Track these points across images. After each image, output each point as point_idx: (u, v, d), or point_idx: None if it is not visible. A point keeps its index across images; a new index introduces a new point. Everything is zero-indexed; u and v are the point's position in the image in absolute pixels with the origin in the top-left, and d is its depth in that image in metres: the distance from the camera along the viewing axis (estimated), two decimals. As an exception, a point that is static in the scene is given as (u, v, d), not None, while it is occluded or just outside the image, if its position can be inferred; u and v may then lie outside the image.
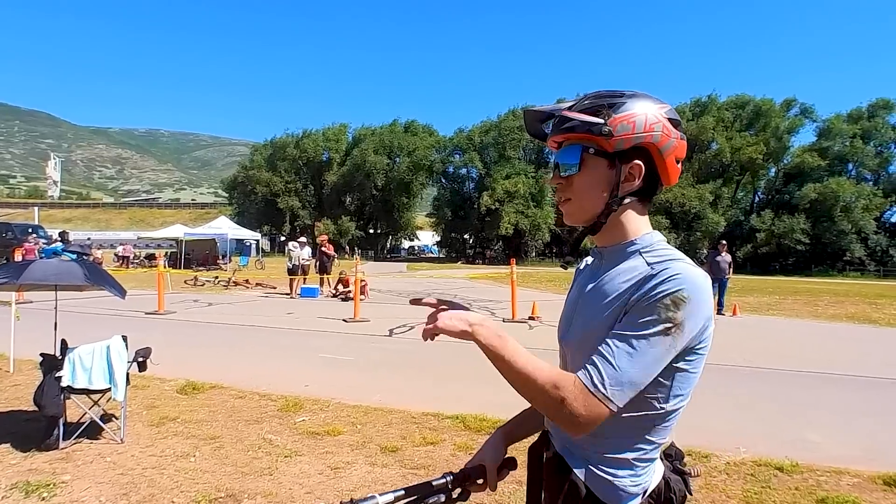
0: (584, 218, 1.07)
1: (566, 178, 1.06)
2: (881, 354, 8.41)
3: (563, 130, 1.05)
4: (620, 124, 1.00)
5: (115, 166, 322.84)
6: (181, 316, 11.05)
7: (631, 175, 1.03)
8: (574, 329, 1.08)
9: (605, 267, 1.07)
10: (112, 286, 4.47)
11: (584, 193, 1.05)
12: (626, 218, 1.06)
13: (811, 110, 52.09)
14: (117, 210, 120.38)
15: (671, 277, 0.93)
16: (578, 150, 1.03)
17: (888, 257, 46.44)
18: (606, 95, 1.05)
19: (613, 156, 1.02)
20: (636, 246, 1.04)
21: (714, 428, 4.39)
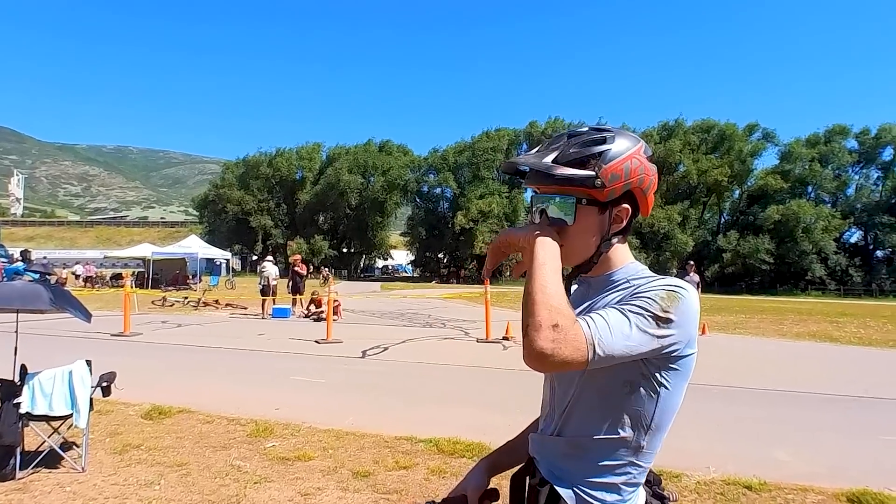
0: (577, 260, 1.09)
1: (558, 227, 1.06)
2: (843, 372, 8.66)
3: (556, 183, 1.04)
4: (611, 174, 1.03)
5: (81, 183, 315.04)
6: (148, 338, 10.76)
7: (618, 217, 1.08)
8: None
9: (592, 296, 1.11)
10: (77, 309, 4.35)
11: (576, 240, 1.07)
12: (613, 252, 1.10)
13: (773, 135, 54.11)
14: (83, 228, 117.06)
15: (668, 283, 0.99)
16: (573, 202, 1.05)
17: (847, 276, 48.05)
18: (591, 142, 1.06)
19: (605, 204, 1.06)
20: (622, 274, 1.09)
21: (684, 448, 4.45)
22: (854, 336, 13.17)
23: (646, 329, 0.93)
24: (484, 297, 11.88)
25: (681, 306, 0.96)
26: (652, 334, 0.94)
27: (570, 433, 1.06)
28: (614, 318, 0.93)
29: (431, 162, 59.75)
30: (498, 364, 8.50)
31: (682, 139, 53.32)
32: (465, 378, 7.66)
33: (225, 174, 70.10)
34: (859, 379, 7.93)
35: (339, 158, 63.61)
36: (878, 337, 13.06)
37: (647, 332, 0.93)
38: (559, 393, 1.10)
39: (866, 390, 7.01)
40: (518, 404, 5.75)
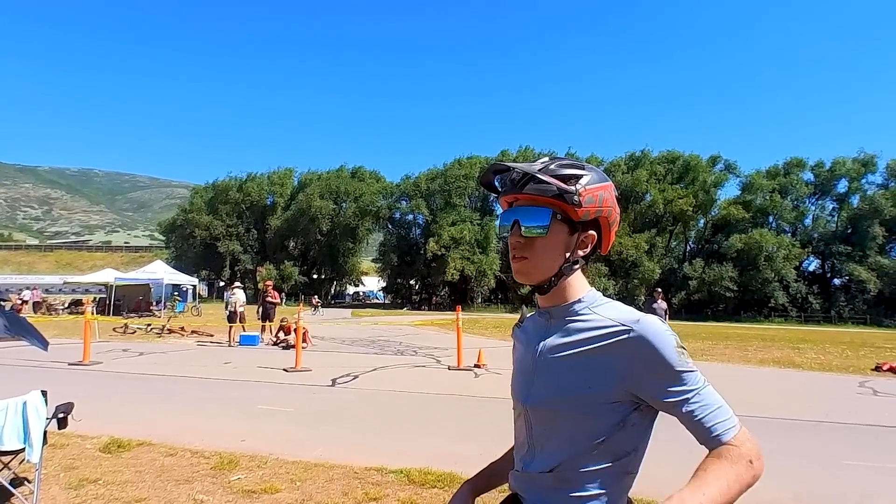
0: (537, 278, 1.11)
1: (528, 238, 1.09)
2: (805, 398, 8.87)
3: (534, 192, 1.07)
4: (588, 196, 1.07)
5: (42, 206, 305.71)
6: (108, 367, 10.38)
7: (584, 242, 1.11)
8: (538, 391, 1.10)
9: (555, 326, 1.12)
10: (33, 337, 4.18)
11: (543, 255, 1.09)
12: (573, 279, 1.12)
13: (734, 166, 56.05)
14: (42, 253, 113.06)
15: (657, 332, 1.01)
16: (549, 214, 1.07)
17: (808, 304, 49.57)
18: (571, 165, 1.11)
19: (577, 224, 1.09)
20: (583, 303, 1.11)
21: (653, 474, 4.46)
22: (815, 362, 13.54)
23: (703, 378, 1.04)
24: (456, 324, 11.85)
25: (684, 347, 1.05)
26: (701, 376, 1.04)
27: (559, 469, 1.06)
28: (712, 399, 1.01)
29: (404, 188, 59.95)
30: (470, 392, 8.45)
31: (649, 169, 54.81)
32: (436, 406, 7.58)
33: (193, 198, 68.89)
34: (820, 404, 8.14)
35: (311, 184, 63.31)
36: (838, 363, 13.45)
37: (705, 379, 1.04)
38: (538, 431, 1.10)
39: (827, 415, 7.19)
40: (490, 433, 5.71)
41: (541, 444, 1.09)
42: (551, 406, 1.06)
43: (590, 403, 1.02)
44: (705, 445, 0.98)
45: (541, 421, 1.09)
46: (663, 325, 1.02)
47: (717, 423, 0.97)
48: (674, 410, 1.00)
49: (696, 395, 0.99)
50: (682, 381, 0.99)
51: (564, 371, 1.05)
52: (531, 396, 1.11)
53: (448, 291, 56.04)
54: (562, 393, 1.05)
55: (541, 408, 1.09)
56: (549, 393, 1.07)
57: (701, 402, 0.98)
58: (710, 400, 0.99)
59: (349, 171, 67.84)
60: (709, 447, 0.98)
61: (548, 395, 1.07)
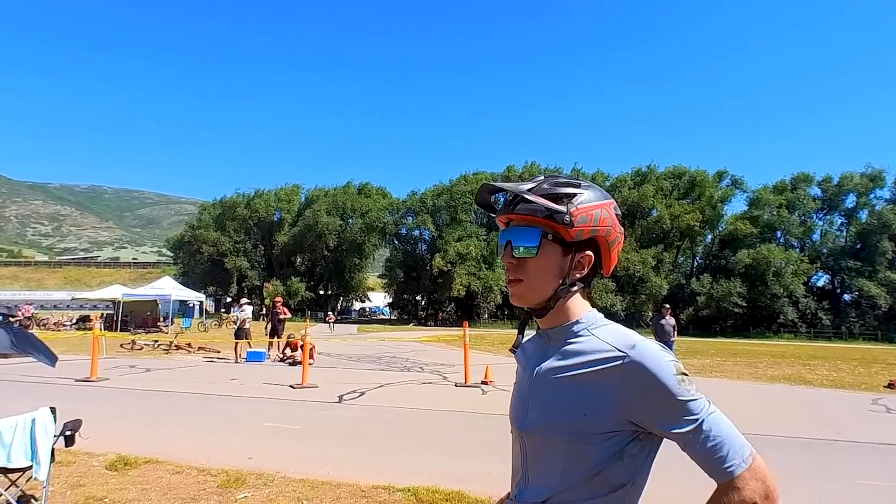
0: (533, 301, 1.08)
1: (519, 259, 1.06)
2: (816, 415, 8.75)
3: (524, 212, 1.05)
4: (581, 216, 1.04)
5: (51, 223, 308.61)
6: (115, 383, 10.39)
7: (580, 264, 1.08)
8: (532, 416, 1.06)
9: (553, 348, 1.08)
10: (41, 353, 4.21)
11: (537, 277, 1.06)
12: (571, 301, 1.08)
13: (741, 181, 56.04)
14: (51, 269, 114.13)
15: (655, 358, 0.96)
16: (538, 235, 1.05)
17: (817, 319, 49.12)
18: (565, 184, 1.08)
19: (570, 244, 1.06)
20: (581, 325, 1.07)
21: (662, 494, 4.41)
22: (826, 379, 13.37)
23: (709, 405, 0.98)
24: (463, 341, 11.81)
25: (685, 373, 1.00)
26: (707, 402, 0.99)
27: (551, 500, 1.02)
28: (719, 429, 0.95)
29: (410, 204, 60.24)
30: (477, 409, 8.39)
31: (655, 185, 54.87)
32: (443, 424, 7.53)
33: (201, 215, 69.61)
34: (833, 422, 8.02)
35: (318, 200, 63.75)
36: (850, 380, 13.28)
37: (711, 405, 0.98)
38: (532, 457, 1.06)
39: (840, 433, 7.08)
40: (498, 451, 5.66)
41: (534, 471, 1.06)
42: (544, 432, 1.02)
43: (584, 431, 0.98)
44: (716, 481, 0.95)
45: (534, 447, 1.05)
46: (661, 352, 0.97)
47: (723, 457, 0.92)
48: (678, 443, 0.96)
49: (699, 427, 0.93)
50: (685, 412, 0.94)
51: (558, 396, 1.02)
52: (526, 423, 1.07)
53: (454, 307, 55.97)
54: (555, 418, 1.01)
55: (534, 433, 1.05)
56: (543, 418, 1.03)
57: (704, 435, 0.93)
58: (716, 431, 0.93)
59: (356, 187, 68.34)
60: (719, 482, 0.94)
61: (541, 420, 1.03)
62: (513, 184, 1.09)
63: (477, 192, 1.15)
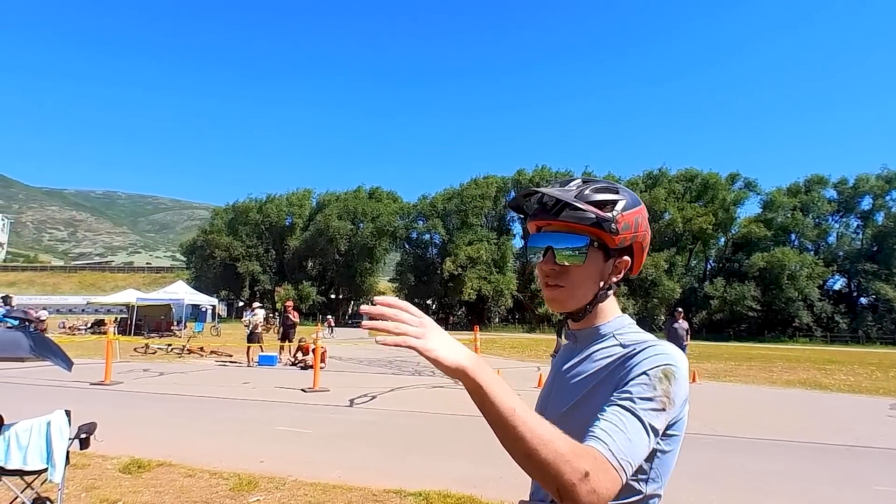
0: (573, 306, 1.07)
1: (562, 266, 1.05)
2: (833, 420, 8.62)
3: (571, 219, 1.03)
4: (625, 223, 1.05)
5: (67, 228, 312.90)
6: (129, 386, 10.49)
7: (618, 268, 1.09)
8: (550, 415, 1.04)
9: (579, 349, 1.10)
10: (58, 357, 4.25)
11: (580, 284, 1.06)
12: (604, 304, 1.10)
13: (754, 184, 55.48)
14: (66, 273, 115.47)
15: (658, 353, 0.96)
16: (586, 242, 1.04)
17: (833, 323, 48.42)
18: (606, 189, 1.07)
19: (613, 251, 1.07)
20: (609, 328, 1.08)
21: (677, 500, 4.36)
22: (843, 384, 13.18)
23: (655, 423, 0.90)
24: (474, 344, 11.79)
25: (678, 382, 0.94)
26: (662, 424, 0.92)
27: None
28: (631, 427, 0.87)
29: (420, 208, 60.33)
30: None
31: (667, 188, 54.49)
32: (455, 428, 7.51)
33: (214, 220, 70.13)
34: (850, 427, 7.90)
35: (329, 205, 64.03)
36: (868, 384, 13.08)
37: (657, 425, 0.90)
38: None
39: (858, 439, 6.98)
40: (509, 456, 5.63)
41: None
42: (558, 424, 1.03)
43: None
44: None
45: None
46: (667, 351, 0.96)
47: (608, 435, 0.85)
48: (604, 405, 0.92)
49: (625, 412, 0.89)
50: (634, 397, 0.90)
51: (573, 397, 1.03)
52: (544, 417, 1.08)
53: (465, 311, 55.93)
54: (568, 421, 0.99)
55: None
56: (560, 417, 1.02)
57: (626, 422, 0.88)
58: (629, 427, 0.87)
59: (366, 191, 68.52)
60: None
61: (558, 419, 1.01)
62: (557, 189, 1.07)
63: (516, 195, 1.13)
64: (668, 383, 0.93)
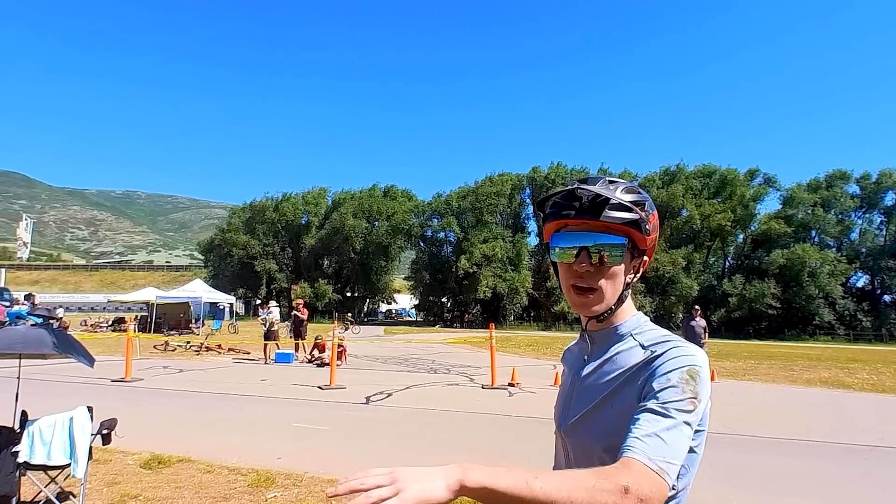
0: (602, 308, 1.04)
1: (597, 266, 1.02)
2: (857, 420, 8.45)
3: (612, 220, 1.00)
4: (653, 224, 1.06)
5: (88, 228, 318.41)
6: (149, 383, 10.65)
7: (637, 269, 1.08)
8: (573, 416, 1.07)
9: (597, 351, 1.09)
10: (80, 354, 4.32)
11: (611, 285, 1.04)
12: (623, 305, 1.08)
13: (774, 180, 54.52)
14: (87, 272, 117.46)
15: (681, 354, 0.96)
16: (624, 242, 1.02)
17: (856, 321, 47.49)
18: (632, 190, 1.05)
19: (640, 251, 1.06)
20: (626, 328, 1.07)
21: (697, 499, 4.30)
22: (867, 383, 12.92)
23: (690, 423, 0.90)
24: (489, 343, 11.77)
25: (703, 381, 0.94)
26: (694, 422, 0.92)
27: None
28: (665, 430, 0.87)
29: (435, 206, 60.31)
30: (504, 411, 8.35)
31: (684, 184, 53.79)
32: (470, 425, 7.50)
33: (231, 219, 70.82)
34: (874, 427, 7.73)
35: (345, 203, 64.33)
36: (892, 384, 12.80)
37: (691, 426, 0.90)
38: (574, 457, 1.06)
39: (882, 439, 6.83)
40: (525, 453, 5.62)
41: None
42: (585, 435, 1.02)
43: (619, 434, 0.93)
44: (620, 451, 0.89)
45: (575, 447, 1.06)
46: (691, 352, 0.96)
47: (641, 441, 0.85)
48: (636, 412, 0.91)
49: (661, 417, 0.88)
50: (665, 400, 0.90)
51: (597, 398, 1.02)
52: (566, 422, 1.08)
53: (480, 309, 55.81)
54: (593, 423, 1.01)
55: (574, 434, 1.05)
56: (582, 422, 1.04)
57: (657, 425, 0.87)
58: (663, 430, 0.87)
59: (381, 189, 68.70)
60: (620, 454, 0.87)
61: (580, 420, 1.04)
62: (596, 187, 1.03)
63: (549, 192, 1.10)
64: (695, 383, 0.93)
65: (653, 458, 0.83)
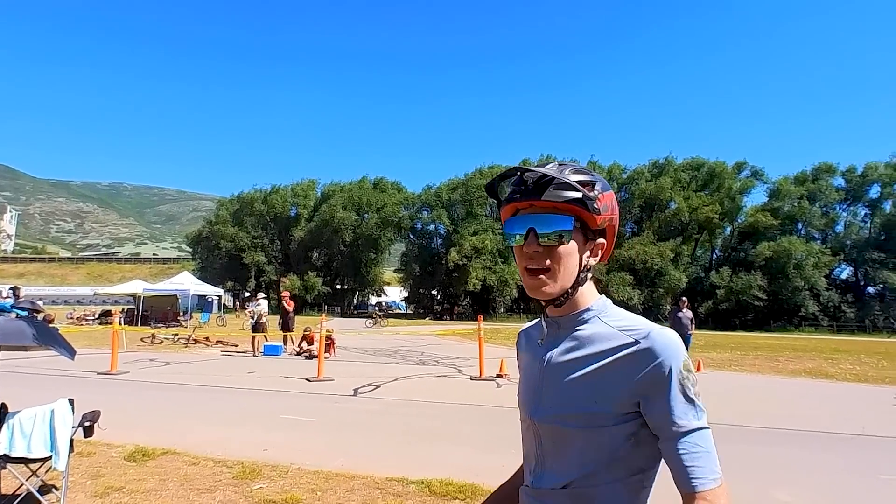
0: (557, 290, 1.03)
1: (546, 247, 1.01)
2: (839, 409, 8.58)
3: (555, 199, 0.99)
4: (604, 204, 1.03)
5: (74, 220, 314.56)
6: (135, 376, 10.56)
7: (595, 251, 1.07)
8: (545, 405, 1.05)
9: (563, 336, 1.07)
10: (62, 346, 4.26)
11: (563, 266, 1.02)
12: (584, 288, 1.07)
13: (761, 172, 54.97)
14: (74, 265, 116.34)
15: (669, 347, 0.96)
16: (571, 222, 1.01)
17: (840, 312, 48.18)
18: (582, 171, 1.04)
19: (593, 232, 1.05)
20: (592, 312, 1.06)
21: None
22: (850, 373, 13.12)
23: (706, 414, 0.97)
24: (477, 334, 11.79)
25: (692, 366, 0.99)
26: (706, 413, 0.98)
27: (572, 485, 1.01)
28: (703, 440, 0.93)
29: (425, 199, 60.25)
30: (492, 402, 8.38)
31: (673, 177, 54.14)
32: (458, 417, 7.52)
33: (219, 211, 70.33)
34: (856, 417, 7.85)
35: (334, 195, 64.09)
36: (874, 374, 13.01)
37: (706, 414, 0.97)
38: (549, 445, 1.05)
39: (864, 428, 6.94)
40: (512, 444, 5.62)
41: (552, 458, 1.04)
42: (560, 421, 1.01)
43: (598, 417, 0.98)
44: (679, 489, 0.92)
45: (550, 435, 1.04)
46: (674, 341, 0.97)
47: (699, 469, 0.91)
48: (664, 441, 0.95)
49: (690, 432, 0.93)
50: (684, 414, 0.94)
51: (571, 385, 1.01)
52: (539, 410, 1.06)
53: (470, 301, 55.95)
54: (569, 408, 1.00)
55: (549, 422, 1.04)
56: (557, 408, 1.02)
57: (692, 442, 0.92)
58: (703, 444, 0.93)
59: (371, 182, 68.50)
60: (682, 492, 0.91)
61: (555, 409, 1.02)
62: (543, 168, 1.03)
63: (500, 176, 1.11)
64: (691, 373, 0.97)
65: (716, 477, 0.91)
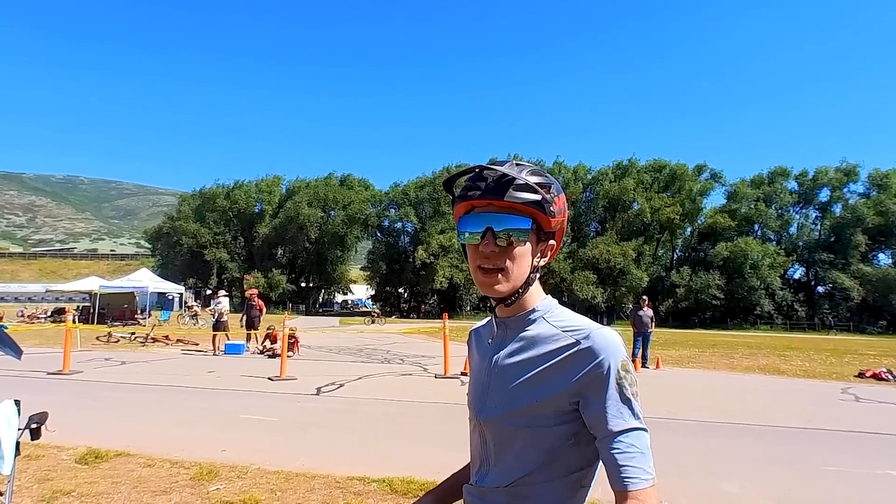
0: (508, 290, 1.04)
1: (502, 247, 1.02)
2: (790, 404, 8.93)
3: (515, 200, 1.00)
4: (558, 207, 1.05)
5: (26, 214, 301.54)
6: (89, 376, 10.21)
7: (544, 252, 1.09)
8: (490, 404, 1.06)
9: (511, 336, 1.08)
10: (7, 345, 4.09)
11: (517, 266, 1.03)
12: (532, 289, 1.08)
13: (720, 175, 56.77)
14: (25, 260, 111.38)
15: (608, 345, 0.97)
16: (528, 223, 1.02)
17: (793, 311, 50.15)
18: (539, 173, 1.05)
19: (546, 234, 1.06)
20: (538, 312, 1.07)
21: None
22: (799, 369, 13.66)
23: (642, 416, 0.98)
24: (443, 332, 11.82)
25: (631, 366, 1.00)
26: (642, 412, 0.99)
27: (514, 484, 1.02)
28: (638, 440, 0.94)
29: (392, 196, 60.05)
30: (456, 400, 8.41)
31: (636, 178, 55.35)
32: (421, 415, 7.53)
33: (181, 206, 68.55)
34: (804, 411, 8.20)
35: (300, 192, 63.20)
36: (822, 370, 13.58)
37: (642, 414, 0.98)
38: (493, 444, 1.06)
39: (810, 421, 7.25)
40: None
41: (496, 457, 1.06)
42: (502, 420, 1.03)
43: (539, 417, 0.99)
44: (612, 487, 0.93)
45: (494, 435, 1.06)
46: (615, 341, 0.98)
47: (632, 469, 0.92)
48: (600, 439, 0.96)
49: (626, 433, 0.94)
50: (620, 414, 0.95)
51: (515, 384, 1.02)
52: (484, 410, 1.07)
53: (437, 299, 56.01)
54: (512, 407, 1.01)
55: (493, 422, 1.05)
56: (501, 407, 1.04)
57: (628, 443, 0.94)
58: (638, 444, 0.94)
59: (338, 178, 67.82)
60: (614, 490, 0.93)
61: (500, 408, 1.04)
62: (502, 168, 1.03)
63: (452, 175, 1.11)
64: (630, 373, 0.98)
65: (648, 477, 0.92)
